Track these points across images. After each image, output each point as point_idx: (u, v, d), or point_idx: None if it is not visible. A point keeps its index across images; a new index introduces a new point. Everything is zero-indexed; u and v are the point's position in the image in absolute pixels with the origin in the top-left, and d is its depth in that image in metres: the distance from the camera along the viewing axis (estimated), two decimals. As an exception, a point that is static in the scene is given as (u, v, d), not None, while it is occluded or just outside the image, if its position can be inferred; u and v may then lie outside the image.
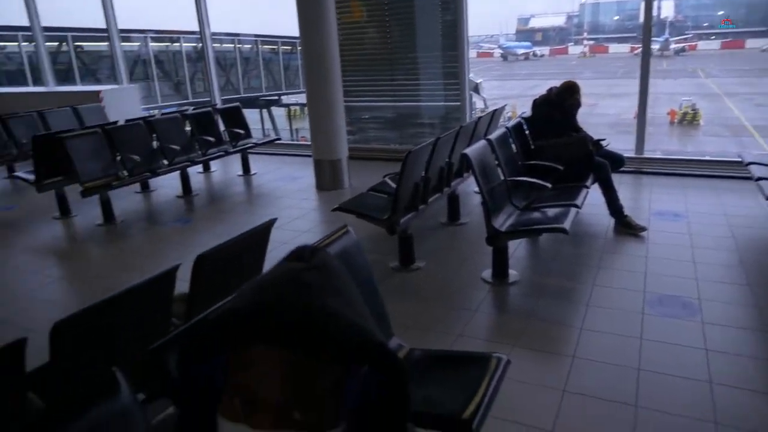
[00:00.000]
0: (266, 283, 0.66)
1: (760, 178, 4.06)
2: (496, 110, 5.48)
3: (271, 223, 2.27)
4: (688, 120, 17.64)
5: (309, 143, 6.76)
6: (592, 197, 4.34)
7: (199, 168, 7.19)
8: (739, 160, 5.24)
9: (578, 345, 2.94)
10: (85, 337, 1.67)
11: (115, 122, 5.98)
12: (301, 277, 0.64)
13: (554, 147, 4.37)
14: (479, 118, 5.03)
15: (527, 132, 4.67)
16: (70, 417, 1.14)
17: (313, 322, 0.61)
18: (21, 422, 1.16)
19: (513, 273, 3.78)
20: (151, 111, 11.46)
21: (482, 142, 3.75)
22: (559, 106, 4.61)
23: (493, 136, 3.97)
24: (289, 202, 5.87)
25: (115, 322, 1.77)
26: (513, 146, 4.28)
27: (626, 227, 4.44)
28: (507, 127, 4.32)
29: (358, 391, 0.65)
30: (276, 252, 2.65)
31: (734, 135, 15.59)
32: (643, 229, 4.41)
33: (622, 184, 4.61)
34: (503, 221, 3.53)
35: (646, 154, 6.35)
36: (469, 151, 3.48)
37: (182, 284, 2.22)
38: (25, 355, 1.48)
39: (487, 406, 1.69)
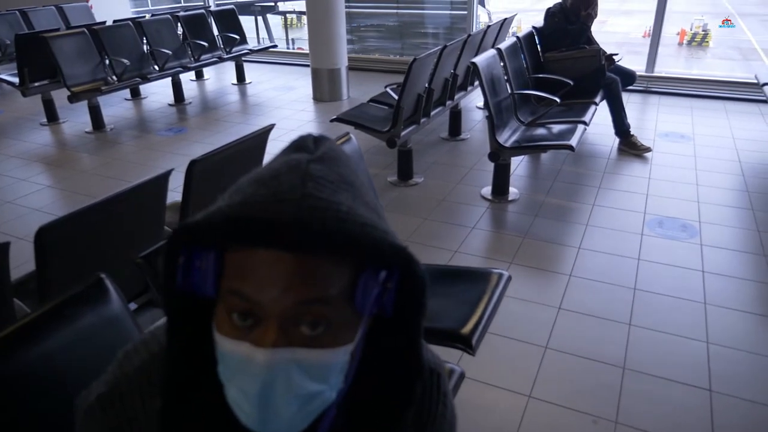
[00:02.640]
0: (266, 177, 0.55)
1: (774, 100, 3.91)
2: (505, 19, 5.19)
3: (269, 128, 2.15)
4: (697, 41, 17.02)
5: (306, 52, 6.47)
6: (598, 115, 4.19)
7: (191, 75, 6.93)
8: (752, 81, 5.05)
9: (575, 264, 2.93)
10: (71, 243, 1.61)
11: (103, 23, 5.65)
12: (308, 169, 0.54)
13: (565, 60, 4.17)
14: (488, 26, 4.76)
15: (538, 44, 4.43)
16: (57, 324, 1.09)
17: (323, 219, 0.51)
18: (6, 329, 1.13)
19: (513, 191, 3.72)
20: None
21: (491, 52, 3.56)
22: (574, 16, 4.34)
23: (503, 45, 3.76)
24: (285, 112, 5.69)
25: (103, 229, 1.70)
26: (523, 58, 4.07)
27: (631, 147, 4.34)
28: (518, 37, 4.09)
29: (373, 299, 0.55)
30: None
31: (744, 58, 15.11)
32: (648, 149, 4.30)
33: (629, 103, 4.47)
34: (508, 137, 3.41)
35: (656, 73, 6.12)
36: (478, 59, 3.29)
37: (175, 195, 2.14)
38: (8, 260, 1.42)
39: (488, 321, 1.67)
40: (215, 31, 6.43)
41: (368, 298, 0.55)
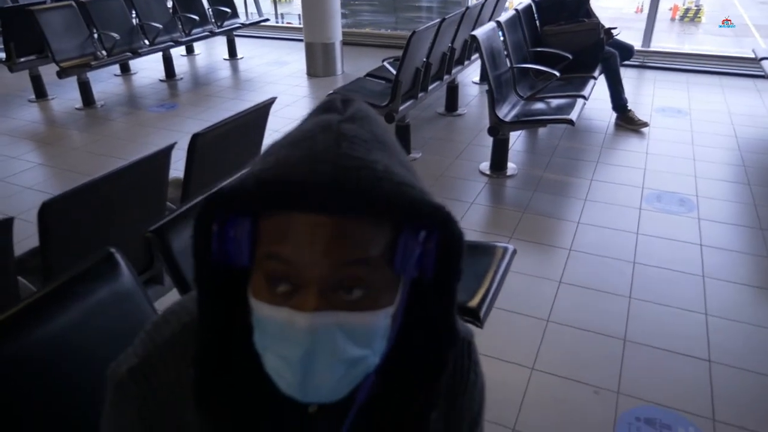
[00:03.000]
0: (298, 139, 0.53)
1: (772, 74, 3.91)
2: (501, -8, 5.12)
3: (271, 102, 2.12)
4: (689, 17, 16.94)
5: (299, 26, 6.36)
6: (595, 90, 4.17)
7: (182, 50, 6.80)
8: (749, 56, 5.04)
9: (575, 238, 2.94)
10: (74, 219, 1.59)
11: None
12: (340, 128, 0.52)
13: (564, 34, 4.12)
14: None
15: (536, 17, 4.38)
16: (69, 300, 1.08)
17: (359, 178, 0.49)
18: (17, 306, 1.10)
19: (511, 166, 3.71)
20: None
21: (491, 24, 3.52)
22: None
23: (502, 18, 3.71)
24: (279, 88, 5.61)
25: (106, 204, 1.68)
26: (522, 31, 4.02)
27: (628, 122, 4.33)
28: (517, 9, 4.04)
29: (414, 260, 0.54)
30: (268, 140, 2.51)
31: (735, 35, 15.08)
32: (645, 124, 4.30)
33: (625, 78, 4.44)
34: (507, 111, 3.39)
35: (653, 48, 6.08)
36: (478, 32, 3.25)
37: (173, 173, 2.10)
38: (12, 236, 1.39)
39: (495, 294, 1.68)
40: (206, 5, 6.29)
41: (408, 259, 0.54)
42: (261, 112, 2.15)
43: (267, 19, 7.10)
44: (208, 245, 0.56)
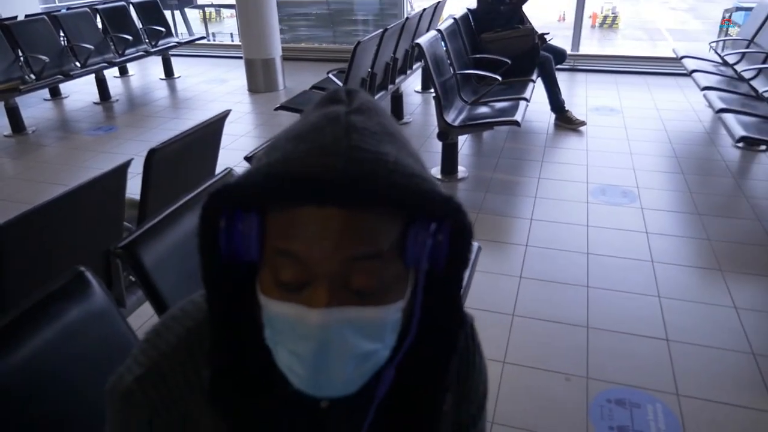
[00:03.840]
0: (305, 131, 0.52)
1: (694, 71, 4.18)
2: (438, 3, 5.25)
3: (225, 114, 2.08)
4: (608, 23, 17.90)
5: (236, 44, 6.29)
6: (533, 94, 4.34)
7: (115, 72, 6.58)
8: (670, 56, 5.38)
9: (530, 234, 3.03)
10: (31, 243, 1.50)
11: (14, 17, 5.26)
12: (349, 120, 0.51)
13: (501, 40, 4.28)
14: (423, 10, 4.80)
15: (473, 25, 4.52)
16: (42, 320, 1.02)
17: (371, 171, 0.48)
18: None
19: (461, 169, 3.80)
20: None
21: (433, 33, 3.60)
22: (504, -3, 4.46)
23: (443, 26, 3.81)
24: (220, 105, 5.51)
25: (62, 226, 1.60)
26: (461, 39, 4.14)
27: (566, 122, 4.52)
28: (454, 18, 4.15)
29: (425, 253, 0.53)
30: (222, 157, 2.47)
31: (650, 38, 16.03)
32: (583, 123, 4.50)
33: (559, 81, 4.63)
34: (455, 116, 3.47)
35: (581, 52, 6.39)
36: (421, 40, 3.32)
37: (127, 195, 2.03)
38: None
39: (464, 292, 1.70)
40: (138, 24, 6.13)
41: (419, 251, 0.53)
42: (215, 126, 2.11)
43: (204, 37, 6.98)
44: (214, 241, 0.55)
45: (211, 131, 2.05)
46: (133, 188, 1.98)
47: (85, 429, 1.01)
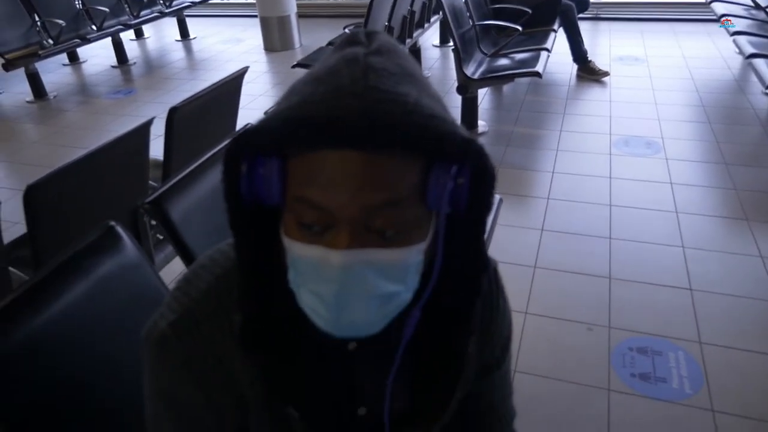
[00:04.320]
0: (323, 74, 0.51)
1: (723, 15, 4.02)
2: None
3: (244, 71, 2.08)
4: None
5: (250, 2, 6.20)
6: (554, 44, 4.22)
7: (131, 35, 6.55)
8: (698, 1, 5.17)
9: (551, 187, 3.01)
10: (59, 202, 1.54)
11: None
12: (367, 61, 0.50)
13: (522, -12, 4.14)
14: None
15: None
16: (76, 274, 1.05)
17: (390, 111, 0.48)
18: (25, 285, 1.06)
19: (482, 123, 3.75)
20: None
21: (451, -18, 3.50)
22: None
23: (461, -24, 3.70)
24: (236, 65, 5.38)
25: (89, 184, 1.63)
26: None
27: (589, 73, 4.41)
28: (473, -32, 4.02)
29: (447, 196, 0.52)
30: (240, 116, 2.47)
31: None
32: (606, 74, 4.39)
33: (581, 30, 4.49)
34: (474, 69, 3.41)
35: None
36: (439, -9, 3.24)
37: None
38: None
39: (487, 240, 1.71)
40: (152, -15, 6.05)
41: (440, 194, 0.52)
42: (234, 84, 2.11)
43: (217, -4, 6.88)
44: (239, 187, 0.55)
45: (230, 89, 2.06)
46: (155, 150, 1.99)
47: (121, 378, 1.06)
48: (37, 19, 4.84)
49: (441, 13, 3.34)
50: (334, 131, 0.48)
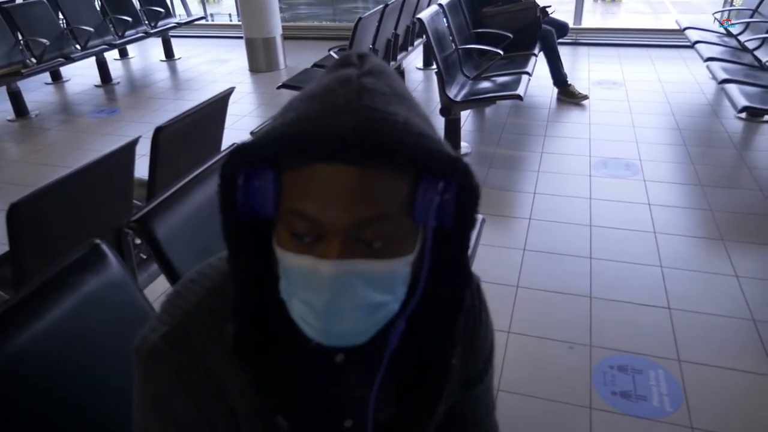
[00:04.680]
0: (318, 93, 0.54)
1: (697, 42, 4.16)
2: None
3: (230, 92, 2.10)
4: (610, -4, 17.63)
5: (236, 23, 6.25)
6: (535, 68, 4.32)
7: (115, 54, 6.55)
8: (673, 28, 5.34)
9: (533, 208, 3.05)
10: (44, 220, 1.53)
11: (12, 0, 5.24)
12: (360, 82, 0.53)
13: (503, 14, 4.25)
14: (423, -16, 4.77)
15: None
16: (62, 291, 1.05)
17: (381, 129, 0.51)
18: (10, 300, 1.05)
19: (464, 145, 3.81)
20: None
21: (434, 7, 3.58)
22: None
23: (444, 1, 3.78)
24: (221, 86, 5.47)
25: (74, 203, 1.63)
26: (462, 13, 4.11)
27: (569, 96, 4.51)
28: (455, -7, 4.13)
29: (433, 210, 0.55)
30: (226, 136, 2.49)
31: (654, 11, 15.82)
32: (585, 97, 4.49)
33: (561, 54, 4.61)
34: (457, 91, 3.47)
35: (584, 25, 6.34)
36: (423, 15, 3.31)
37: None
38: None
39: (470, 257, 1.73)
40: (137, 5, 6.09)
41: (427, 209, 0.55)
42: (220, 104, 2.13)
43: (203, 17, 6.93)
44: (234, 200, 0.57)
45: (216, 109, 2.07)
46: (139, 169, 2.00)
47: (106, 394, 1.05)
48: (20, 37, 4.83)
49: (424, 36, 3.41)
50: (330, 147, 0.51)
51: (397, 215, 0.54)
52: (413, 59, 5.77)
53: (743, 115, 3.95)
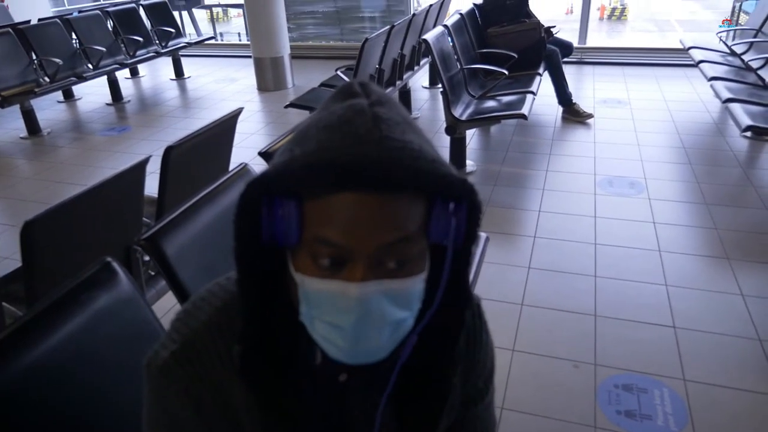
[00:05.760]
0: (335, 123, 0.56)
1: (701, 61, 4.19)
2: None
3: (238, 112, 2.14)
4: (616, 15, 17.78)
5: (245, 43, 6.35)
6: (540, 87, 4.36)
7: (126, 73, 6.67)
8: (677, 47, 5.38)
9: (538, 226, 3.07)
10: (57, 237, 1.57)
11: (27, 22, 5.36)
12: (374, 112, 0.56)
13: (508, 34, 4.31)
14: (430, 6, 4.84)
15: (479, 20, 4.55)
16: (73, 308, 1.08)
17: (401, 158, 0.54)
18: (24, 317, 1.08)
19: (470, 163, 3.84)
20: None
21: (440, 28, 3.64)
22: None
23: (449, 22, 3.85)
24: (230, 104, 5.58)
25: (86, 221, 1.66)
26: (467, 34, 4.17)
27: (574, 115, 4.54)
28: (460, 13, 4.19)
29: (449, 230, 0.59)
30: (234, 154, 2.53)
31: (660, 30, 15.90)
32: (590, 116, 4.52)
33: (566, 73, 4.65)
34: (462, 110, 3.51)
35: (588, 44, 6.39)
36: (428, 36, 3.36)
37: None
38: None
39: (473, 282, 1.75)
40: (148, 26, 6.21)
41: (445, 229, 0.59)
42: (229, 123, 2.17)
43: (213, 37, 7.05)
44: (250, 227, 0.60)
45: (225, 128, 2.12)
46: (149, 186, 2.04)
47: (115, 410, 1.08)
48: (34, 57, 4.94)
49: (430, 56, 3.46)
50: (356, 176, 0.54)
51: (416, 237, 0.58)
52: (419, 78, 5.83)
53: (748, 133, 3.96)
